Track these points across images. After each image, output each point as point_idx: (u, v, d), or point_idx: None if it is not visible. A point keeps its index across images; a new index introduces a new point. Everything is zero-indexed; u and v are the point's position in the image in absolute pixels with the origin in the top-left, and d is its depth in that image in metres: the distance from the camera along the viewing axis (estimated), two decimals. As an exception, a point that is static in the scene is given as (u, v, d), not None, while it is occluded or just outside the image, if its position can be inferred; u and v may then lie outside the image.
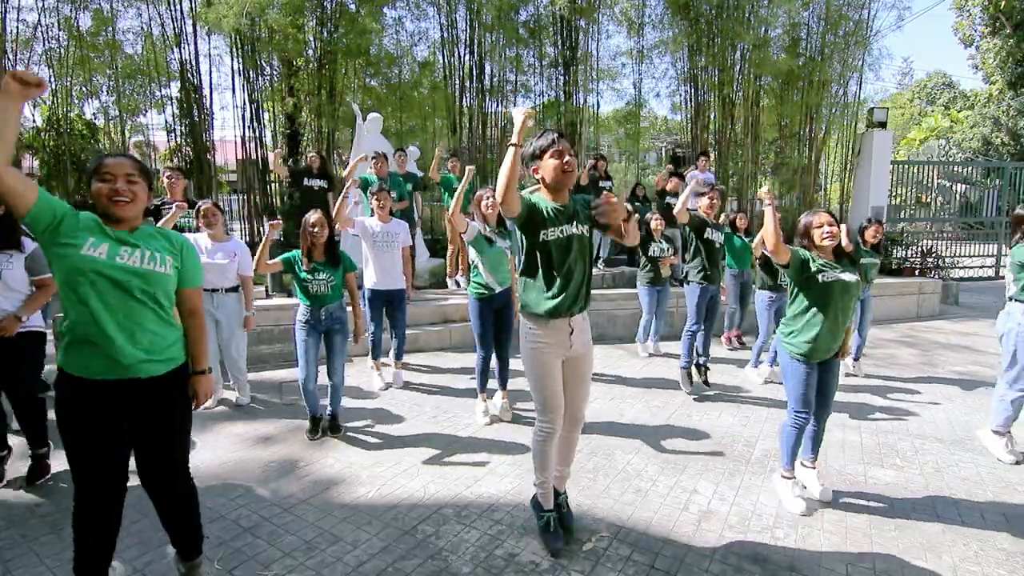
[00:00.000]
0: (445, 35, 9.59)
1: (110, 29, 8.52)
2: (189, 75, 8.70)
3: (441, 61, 9.79)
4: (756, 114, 10.17)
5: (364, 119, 7.43)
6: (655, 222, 5.63)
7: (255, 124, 8.96)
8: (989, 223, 11.99)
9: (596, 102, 10.48)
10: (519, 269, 2.49)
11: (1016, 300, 3.44)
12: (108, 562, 2.01)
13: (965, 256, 11.66)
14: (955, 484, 3.26)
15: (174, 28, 8.53)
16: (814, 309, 2.83)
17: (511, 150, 2.20)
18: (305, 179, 6.62)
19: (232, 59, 8.72)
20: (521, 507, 2.93)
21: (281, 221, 3.85)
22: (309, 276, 3.64)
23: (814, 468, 3.10)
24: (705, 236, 4.63)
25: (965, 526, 2.82)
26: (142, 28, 8.77)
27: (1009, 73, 24.29)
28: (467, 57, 9.66)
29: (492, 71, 9.88)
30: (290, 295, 6.20)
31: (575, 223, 2.39)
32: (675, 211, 4.63)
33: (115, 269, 1.78)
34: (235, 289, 4.28)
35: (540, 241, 2.35)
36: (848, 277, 2.81)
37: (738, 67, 9.96)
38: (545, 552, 2.55)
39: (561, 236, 2.35)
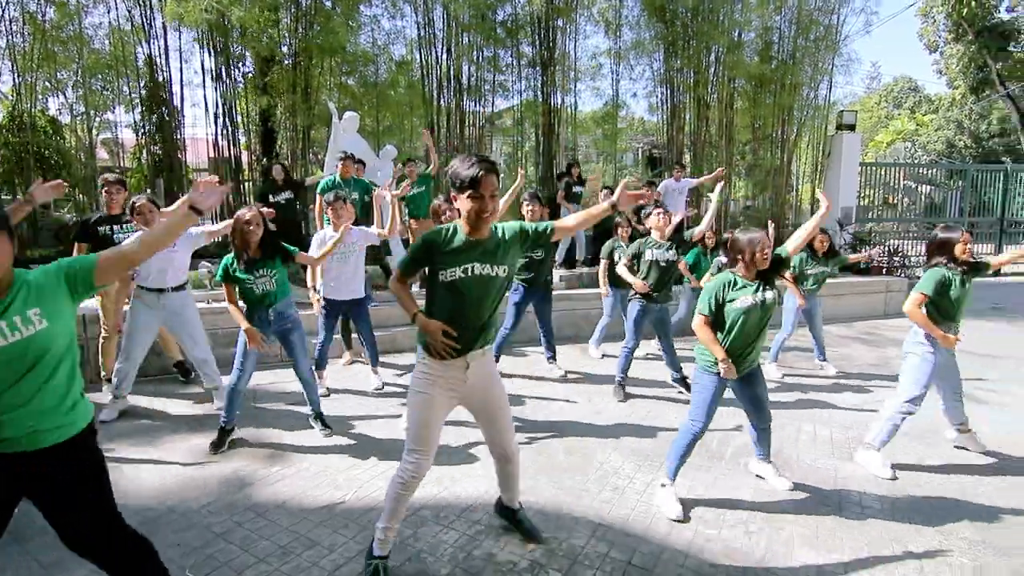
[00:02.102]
0: (422, 34, 9.54)
1: (76, 23, 8.28)
2: (158, 71, 8.49)
3: (418, 60, 9.73)
4: (730, 116, 10.33)
5: (340, 118, 7.34)
6: (622, 229, 5.50)
7: (228, 122, 8.79)
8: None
9: (574, 102, 10.50)
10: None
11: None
12: None
13: (930, 255, 12.00)
14: (921, 477, 3.36)
15: (143, 22, 8.31)
16: (727, 329, 2.87)
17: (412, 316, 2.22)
18: (271, 196, 6.62)
19: (203, 55, 8.54)
20: (499, 507, 2.93)
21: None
22: (250, 276, 3.46)
23: (770, 463, 3.22)
24: (645, 259, 4.45)
25: (930, 517, 2.91)
26: (110, 23, 8.54)
27: (971, 78, 25.12)
28: (444, 56, 9.62)
29: (470, 70, 9.86)
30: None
31: (489, 262, 2.16)
32: (618, 269, 4.66)
33: None
34: (182, 287, 4.07)
35: (439, 281, 2.17)
36: (767, 297, 2.84)
37: (712, 70, 10.11)
38: (523, 552, 2.55)
39: (464, 276, 2.13)
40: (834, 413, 4.40)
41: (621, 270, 4.62)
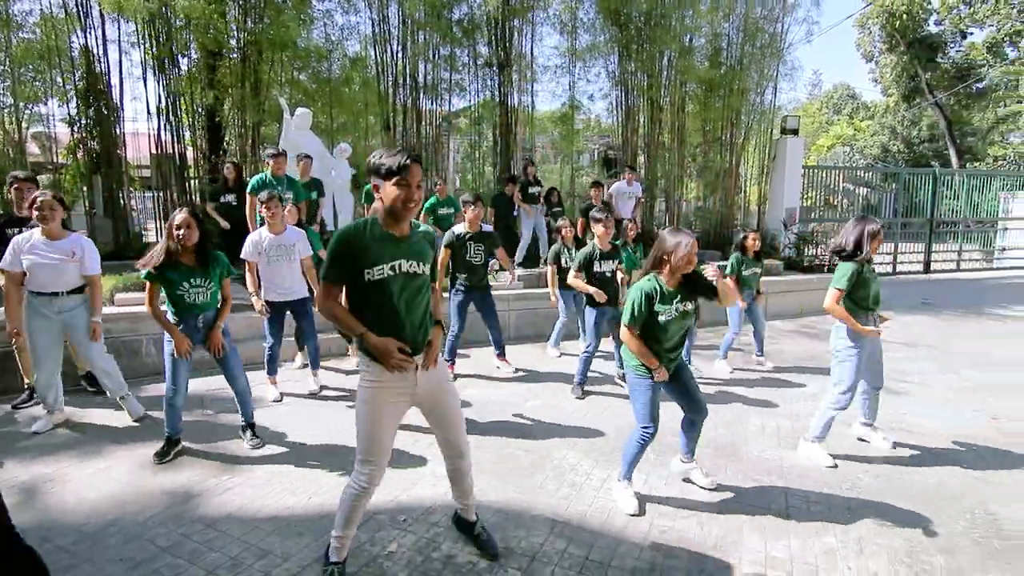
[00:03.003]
0: (377, 31, 9.40)
1: (3, 8, 7.75)
2: (96, 62, 8.05)
3: (373, 57, 9.57)
4: (682, 119, 10.63)
5: (292, 114, 7.15)
6: (565, 230, 5.58)
7: (171, 117, 8.42)
8: (887, 224, 13.11)
9: (531, 102, 10.53)
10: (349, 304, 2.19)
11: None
12: None
13: (867, 254, 12.67)
14: (859, 463, 3.54)
15: (78, 10, 7.86)
16: (654, 337, 2.86)
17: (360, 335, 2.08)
18: (222, 196, 6.37)
19: (145, 47, 8.14)
20: (458, 508, 2.93)
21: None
22: (184, 283, 3.26)
23: (694, 463, 3.22)
24: (594, 271, 4.59)
25: (868, 501, 3.07)
26: (41, 10, 8.04)
27: (903, 87, 26.71)
28: (400, 54, 9.51)
29: (426, 69, 9.77)
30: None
31: (411, 259, 2.12)
32: (569, 280, 4.69)
33: None
34: (80, 290, 3.79)
35: (365, 281, 2.07)
36: (687, 307, 2.85)
37: (665, 73, 10.37)
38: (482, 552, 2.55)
39: (392, 274, 2.07)
40: (778, 405, 4.59)
41: (573, 281, 4.68)
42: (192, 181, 8.94)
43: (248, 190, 5.67)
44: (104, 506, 2.91)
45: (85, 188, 8.66)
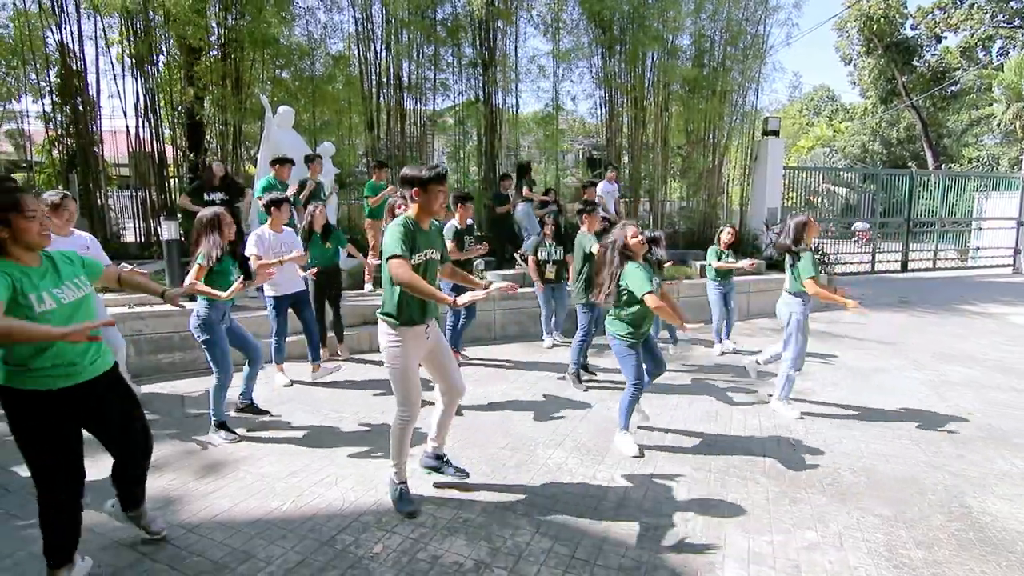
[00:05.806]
0: (360, 29, 9.32)
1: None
2: (72, 58, 7.87)
3: (357, 55, 9.49)
4: (665, 120, 10.70)
5: (274, 112, 7.06)
6: (547, 227, 5.88)
7: (150, 114, 8.27)
8: (872, 223, 13.34)
9: (515, 103, 10.52)
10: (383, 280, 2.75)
11: (790, 293, 4.18)
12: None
13: (846, 253, 12.91)
14: (839, 459, 3.60)
15: (52, 5, 7.68)
16: (636, 309, 3.47)
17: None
18: (206, 193, 6.38)
19: (124, 43, 7.99)
20: (445, 507, 2.92)
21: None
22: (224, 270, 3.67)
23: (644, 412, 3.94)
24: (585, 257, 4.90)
25: (849, 496, 3.12)
26: (14, 4, 7.83)
27: (881, 89, 27.20)
28: (383, 53, 9.44)
29: (410, 68, 9.72)
30: (192, 299, 5.77)
31: (433, 248, 2.81)
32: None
33: (63, 318, 2.07)
34: None
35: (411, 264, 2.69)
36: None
37: (648, 74, 10.43)
38: (468, 552, 2.55)
39: (421, 260, 2.72)
40: (758, 397, 4.63)
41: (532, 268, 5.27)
42: (172, 180, 8.79)
43: (256, 193, 6.01)
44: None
45: (60, 187, 8.47)
